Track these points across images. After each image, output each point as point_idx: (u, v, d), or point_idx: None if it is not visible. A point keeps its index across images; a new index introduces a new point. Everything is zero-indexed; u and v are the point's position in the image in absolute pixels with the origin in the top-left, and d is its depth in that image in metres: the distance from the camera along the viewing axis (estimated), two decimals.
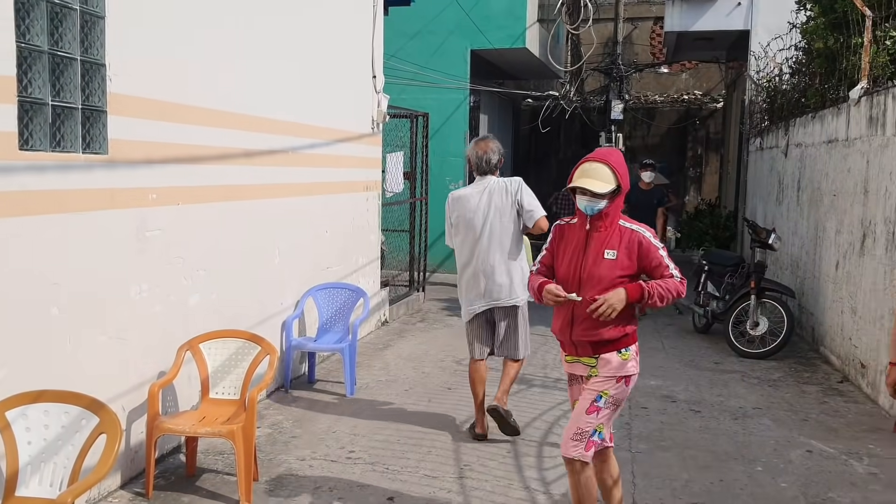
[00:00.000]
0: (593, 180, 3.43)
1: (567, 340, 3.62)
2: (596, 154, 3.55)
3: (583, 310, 3.49)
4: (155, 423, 4.20)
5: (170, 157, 4.61)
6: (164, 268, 4.65)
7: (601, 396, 3.51)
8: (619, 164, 3.51)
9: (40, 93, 3.63)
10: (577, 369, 3.67)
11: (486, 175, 5.12)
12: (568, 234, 3.66)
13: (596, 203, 3.46)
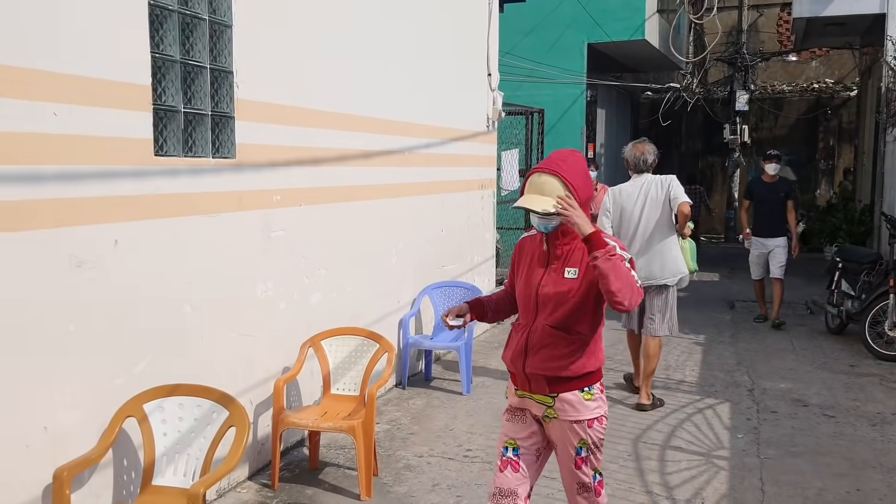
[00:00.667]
0: (541, 198, 2.90)
1: (519, 372, 3.04)
2: (548, 163, 2.98)
3: (539, 336, 2.97)
4: (280, 417, 4.34)
5: (292, 160, 4.75)
6: (288, 267, 4.80)
7: (581, 448, 3.02)
8: (572, 173, 2.93)
9: (173, 101, 3.81)
10: (529, 405, 3.08)
11: (642, 173, 5.90)
12: (527, 250, 3.14)
13: (549, 222, 2.95)
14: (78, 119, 3.21)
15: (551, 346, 2.96)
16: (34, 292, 3.09)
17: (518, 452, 3.08)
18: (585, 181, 2.99)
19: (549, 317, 2.97)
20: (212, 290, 4.10)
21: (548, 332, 2.96)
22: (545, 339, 2.97)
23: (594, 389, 3.01)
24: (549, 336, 2.96)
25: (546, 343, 2.96)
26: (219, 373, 4.11)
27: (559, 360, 2.95)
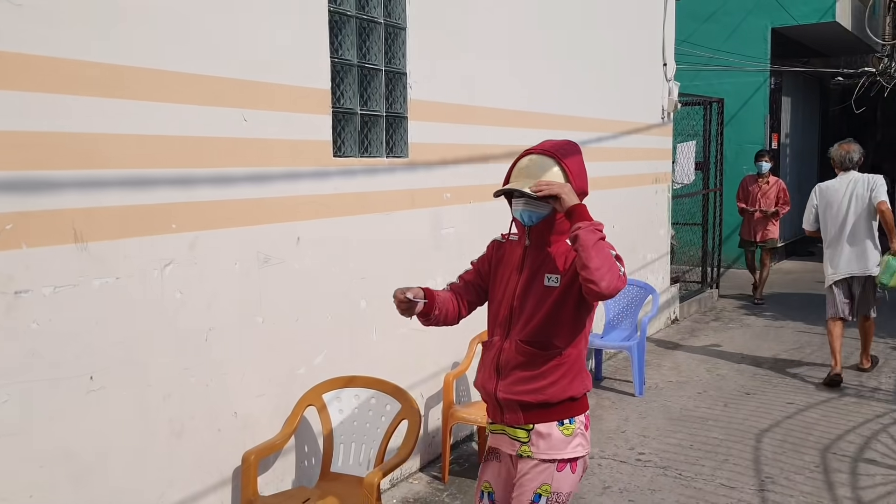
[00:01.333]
0: (530, 179, 2.48)
1: (491, 399, 2.59)
2: (540, 145, 2.58)
3: (512, 354, 2.52)
4: (450, 412, 4.40)
5: (462, 158, 4.80)
6: (457, 263, 4.85)
7: (539, 496, 2.50)
8: (572, 159, 2.53)
9: (351, 103, 3.96)
10: (501, 443, 2.63)
11: (848, 171, 6.24)
12: (507, 253, 2.67)
13: (536, 209, 2.50)
14: (265, 123, 3.40)
15: (525, 366, 2.49)
16: (227, 285, 3.31)
17: (493, 497, 2.66)
18: (582, 171, 2.56)
19: (523, 330, 2.50)
20: (385, 286, 4.22)
21: (521, 349, 2.50)
22: (518, 357, 2.50)
23: (575, 423, 2.52)
24: (523, 353, 2.50)
25: (519, 362, 2.50)
26: (391, 366, 4.23)
27: (534, 382, 2.48)
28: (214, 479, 3.31)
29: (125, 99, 2.82)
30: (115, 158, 2.80)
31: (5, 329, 2.49)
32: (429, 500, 4.21)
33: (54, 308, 2.63)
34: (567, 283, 2.46)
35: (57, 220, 2.62)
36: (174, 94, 2.99)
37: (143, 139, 2.89)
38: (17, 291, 2.51)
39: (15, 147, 2.48)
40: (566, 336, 2.50)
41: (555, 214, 2.50)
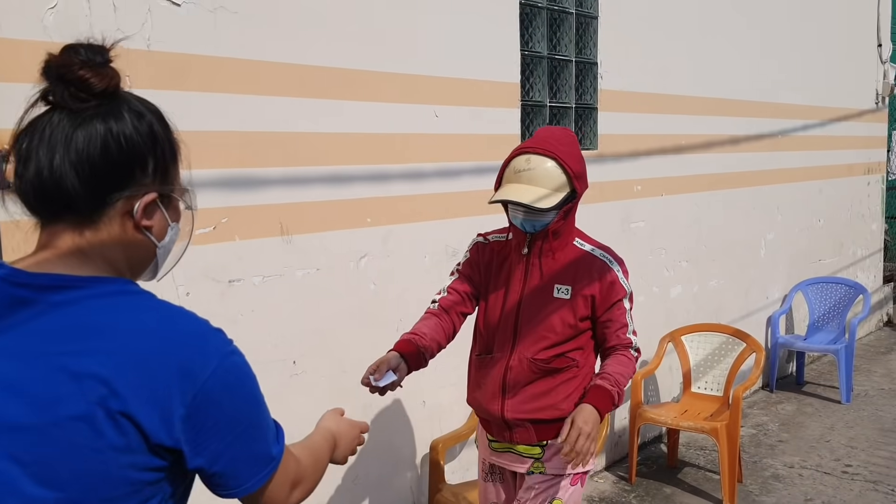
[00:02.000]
0: (530, 187, 2.19)
1: (496, 419, 2.36)
2: (537, 141, 2.26)
3: (522, 372, 2.30)
4: (638, 412, 4.28)
5: (654, 149, 4.64)
6: (647, 258, 4.71)
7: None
8: (571, 156, 2.23)
9: (540, 95, 3.93)
10: (508, 461, 2.43)
11: None
12: (496, 257, 2.40)
13: (538, 218, 2.24)
14: (455, 118, 3.45)
15: (537, 384, 2.30)
16: (417, 278, 3.39)
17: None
18: (583, 168, 2.29)
19: (533, 347, 2.29)
20: None
21: (535, 367, 2.29)
22: (530, 375, 2.29)
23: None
24: (535, 371, 2.29)
25: (531, 379, 2.30)
26: None
27: (548, 398, 2.29)
28: (404, 465, 3.41)
29: (324, 99, 2.94)
30: (316, 156, 2.94)
31: (220, 315, 2.68)
32: (615, 501, 4.12)
33: (262, 296, 2.80)
34: (579, 294, 2.27)
35: (265, 215, 2.79)
36: (370, 92, 3.09)
37: (341, 137, 3.01)
38: (230, 280, 2.69)
39: (229, 146, 2.66)
40: (581, 348, 2.33)
41: (559, 220, 2.25)
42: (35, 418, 0.95)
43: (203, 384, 1.01)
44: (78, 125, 1.01)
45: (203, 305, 2.60)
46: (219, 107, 2.62)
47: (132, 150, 1.04)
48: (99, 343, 0.98)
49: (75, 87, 1.01)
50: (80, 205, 1.02)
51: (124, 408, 0.96)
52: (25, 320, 0.99)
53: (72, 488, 0.96)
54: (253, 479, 1.09)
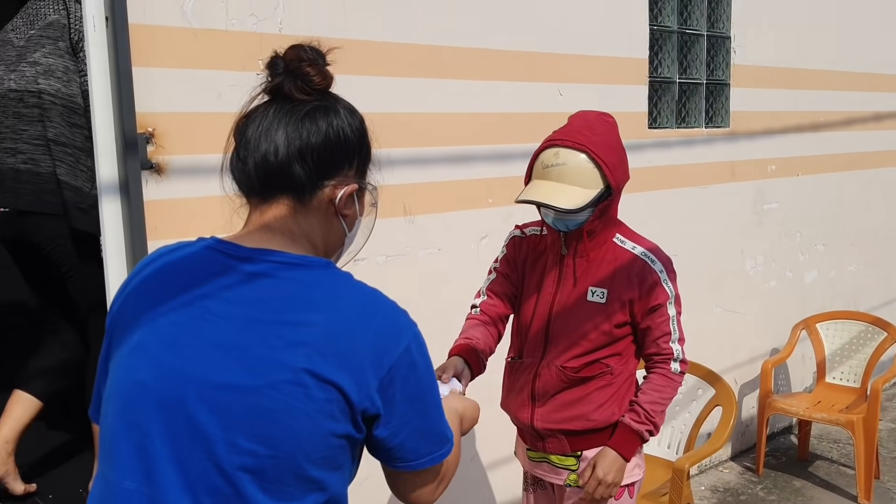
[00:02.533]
0: (559, 185, 1.99)
1: (527, 428, 2.22)
2: (567, 131, 2.05)
3: (551, 381, 2.13)
4: (767, 402, 4.10)
5: (790, 126, 4.40)
6: (781, 242, 4.49)
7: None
8: (606, 146, 2.01)
9: (668, 72, 3.79)
10: (544, 472, 2.27)
11: None
12: (531, 253, 2.22)
13: (570, 218, 2.04)
14: (580, 96, 3.37)
15: (567, 392, 2.13)
16: None
17: None
18: (622, 158, 2.07)
19: (564, 354, 2.11)
20: (697, 264, 4.02)
21: (566, 377, 2.12)
22: (559, 384, 2.13)
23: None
24: (565, 380, 2.12)
25: (560, 388, 2.13)
26: (703, 348, 4.01)
27: (578, 408, 2.12)
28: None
29: (448, 79, 2.94)
30: (439, 136, 2.94)
31: None
32: (740, 492, 3.98)
33: (385, 275, 2.84)
34: (616, 299, 2.08)
35: (390, 195, 2.81)
36: (494, 71, 3.07)
37: (464, 117, 3.01)
38: (356, 259, 2.74)
39: None
40: (616, 353, 2.13)
41: (595, 218, 2.05)
42: (251, 380, 1.04)
43: (396, 360, 1.10)
44: (304, 116, 1.13)
45: None
46: (347, 88, 2.65)
47: (346, 144, 1.16)
48: (310, 315, 1.07)
49: (302, 81, 1.13)
50: (300, 187, 1.13)
51: (331, 376, 1.05)
52: (245, 290, 1.09)
53: (280, 447, 1.04)
54: (430, 455, 1.17)
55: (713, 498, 3.92)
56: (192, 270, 1.12)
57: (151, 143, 2.22)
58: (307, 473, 1.07)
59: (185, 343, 1.07)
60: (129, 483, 1.07)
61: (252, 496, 1.04)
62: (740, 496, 3.94)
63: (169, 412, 1.05)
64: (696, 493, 3.91)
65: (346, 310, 1.09)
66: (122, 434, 1.09)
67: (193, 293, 1.09)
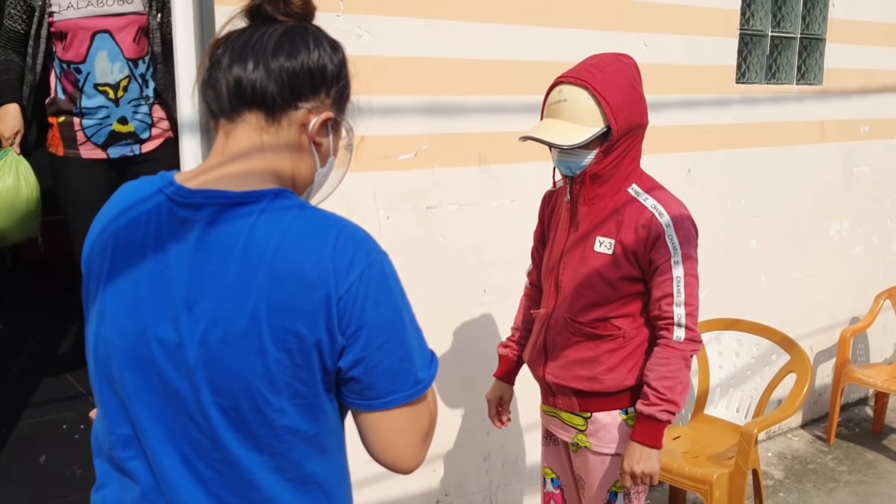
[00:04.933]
0: (557, 122, 1.93)
1: (541, 381, 2.19)
2: (575, 69, 1.96)
3: (560, 334, 2.08)
4: (844, 371, 3.98)
5: (887, 86, 4.18)
6: (869, 207, 4.31)
7: (615, 495, 2.12)
8: (610, 86, 1.90)
9: (761, 24, 3.63)
10: (555, 427, 2.22)
11: None
12: (556, 205, 2.20)
13: (575, 159, 1.95)
14: (666, 48, 3.26)
15: (576, 348, 2.07)
16: None
17: (558, 484, 2.31)
18: (631, 99, 1.95)
19: (572, 305, 2.05)
20: (778, 226, 3.89)
21: (571, 328, 2.06)
22: (568, 339, 2.08)
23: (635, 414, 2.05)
24: (574, 334, 2.06)
25: (569, 343, 2.08)
26: (778, 313, 3.91)
27: (587, 368, 2.06)
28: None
29: (528, 25, 2.87)
30: (516, 85, 2.89)
31: (417, 239, 2.75)
32: (809, 461, 3.89)
33: (457, 224, 2.83)
34: (624, 251, 1.98)
35: (465, 143, 2.79)
36: (576, 19, 2.98)
37: (543, 65, 2.93)
38: (428, 206, 2.74)
39: (432, 73, 2.67)
40: (628, 314, 2.03)
41: (598, 161, 1.96)
42: (206, 337, 1.03)
43: (349, 288, 1.04)
44: (282, 35, 1.10)
45: (401, 229, 2.68)
46: (422, 32, 2.63)
47: (324, 70, 1.12)
48: (255, 258, 1.03)
49: (283, 4, 1.10)
50: (270, 102, 1.09)
51: (285, 323, 1.02)
52: (189, 240, 1.06)
53: (242, 400, 1.03)
54: (392, 395, 1.08)
55: (780, 465, 3.85)
56: (145, 220, 1.09)
57: None
58: (279, 423, 1.05)
59: (145, 301, 1.07)
60: (124, 429, 1.11)
61: (229, 448, 1.05)
62: (808, 465, 3.85)
63: (140, 369, 1.07)
64: (763, 459, 3.85)
65: (290, 245, 1.04)
66: (105, 387, 1.12)
67: (147, 246, 1.08)
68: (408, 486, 2.85)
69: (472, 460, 3.03)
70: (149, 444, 1.08)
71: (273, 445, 1.06)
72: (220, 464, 1.06)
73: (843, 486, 3.65)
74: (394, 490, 2.81)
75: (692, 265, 1.99)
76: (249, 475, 1.06)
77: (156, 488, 1.09)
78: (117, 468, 1.13)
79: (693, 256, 2.00)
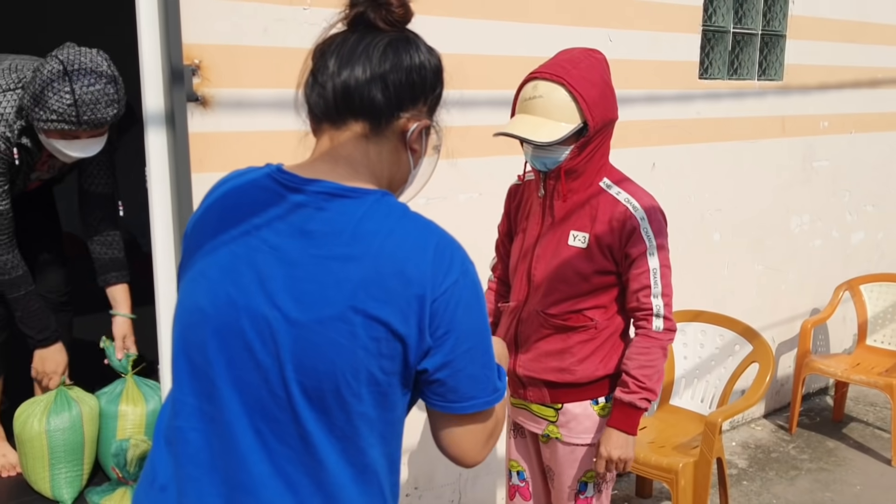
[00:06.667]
0: (534, 118, 1.94)
1: (510, 372, 2.15)
2: (549, 64, 1.98)
3: (532, 326, 2.10)
4: (805, 361, 4.07)
5: (846, 82, 4.27)
6: (829, 200, 4.40)
7: (585, 485, 2.16)
8: (586, 81, 1.93)
9: (723, 21, 3.68)
10: (525, 419, 2.24)
11: None
12: (524, 198, 2.19)
13: (549, 154, 1.97)
14: (630, 44, 3.30)
15: (548, 340, 2.09)
16: None
17: (524, 476, 2.33)
18: (605, 95, 1.98)
19: (545, 299, 2.07)
20: (741, 219, 3.95)
21: (545, 321, 2.08)
22: (540, 331, 2.09)
23: (612, 399, 2.09)
24: (547, 326, 2.08)
25: (541, 335, 2.09)
26: (741, 305, 3.98)
27: (560, 359, 2.08)
28: None
29: (493, 20, 2.88)
30: (483, 79, 2.90)
31: None
32: (772, 450, 3.97)
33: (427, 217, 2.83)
34: (597, 243, 2.01)
35: None
36: (542, 15, 3.00)
37: (509, 60, 2.95)
38: None
39: None
40: (600, 305, 2.06)
41: (573, 156, 1.97)
42: (299, 315, 1.06)
43: (444, 292, 1.08)
44: (387, 45, 1.13)
45: None
46: None
47: (424, 79, 1.16)
48: (357, 249, 1.07)
49: (385, 11, 1.13)
50: (377, 112, 1.12)
51: (378, 313, 1.05)
52: (295, 221, 1.10)
53: (325, 381, 1.06)
54: (473, 399, 1.13)
55: (744, 454, 3.92)
56: (252, 199, 1.13)
57: (197, 75, 2.22)
58: (354, 408, 1.08)
59: (241, 273, 1.09)
60: (192, 399, 1.12)
61: (306, 425, 1.07)
62: (771, 453, 3.93)
63: (226, 339, 1.09)
64: (728, 449, 3.92)
65: (395, 243, 1.08)
66: (182, 356, 1.14)
67: (251, 223, 1.11)
68: None
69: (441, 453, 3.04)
70: (224, 413, 1.09)
71: (345, 429, 1.09)
72: (295, 440, 1.08)
73: (804, 474, 3.73)
74: None
75: (665, 255, 2.03)
76: (320, 455, 1.08)
77: (209, 465, 1.10)
78: (169, 442, 1.14)
79: (666, 246, 2.04)
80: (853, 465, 3.82)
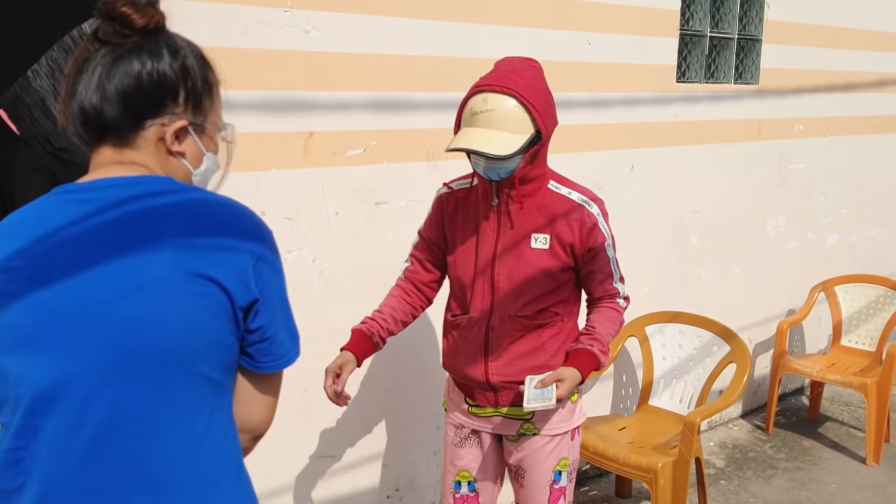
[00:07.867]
0: (489, 132, 1.94)
1: (479, 384, 2.18)
2: (495, 76, 2.00)
3: (505, 331, 2.12)
4: (781, 361, 4.12)
5: (820, 86, 4.33)
6: (804, 203, 4.46)
7: (559, 474, 2.22)
8: (534, 91, 1.97)
9: (700, 25, 3.73)
10: (493, 425, 2.24)
11: None
12: (461, 207, 2.18)
13: (501, 165, 1.99)
14: (609, 47, 3.33)
15: (521, 342, 2.13)
16: None
17: (475, 487, 2.31)
18: (549, 103, 2.02)
19: (515, 303, 2.10)
20: (719, 221, 4.00)
21: (519, 325, 2.12)
22: (514, 334, 2.13)
23: (580, 387, 2.12)
24: (519, 329, 2.13)
25: (515, 338, 2.13)
26: (719, 306, 4.02)
27: (535, 358, 2.13)
28: None
29: (475, 23, 2.90)
30: (464, 81, 2.89)
31: (366, 234, 2.76)
32: (749, 449, 4.02)
33: (406, 219, 2.84)
34: (558, 242, 2.08)
35: (413, 139, 2.81)
36: (522, 18, 3.02)
37: (490, 63, 2.96)
38: (377, 202, 2.75)
39: (381, 69, 2.68)
40: (563, 300, 2.15)
41: (526, 164, 2.01)
42: (128, 284, 1.06)
43: (263, 249, 1.14)
44: (116, 59, 1.11)
45: (351, 225, 2.68)
46: (370, 29, 2.63)
47: (163, 83, 1.14)
48: (169, 218, 1.10)
49: (119, 24, 1.11)
50: (116, 129, 1.13)
51: (201, 269, 1.08)
52: (93, 216, 1.09)
53: (165, 348, 1.07)
54: (292, 351, 1.20)
55: (722, 454, 3.96)
56: (39, 217, 1.11)
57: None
58: (199, 372, 1.10)
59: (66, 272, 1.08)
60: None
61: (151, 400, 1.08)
62: (749, 453, 3.97)
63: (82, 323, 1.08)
64: (706, 449, 3.96)
65: (208, 206, 1.13)
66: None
67: (38, 236, 1.09)
68: (359, 480, 2.85)
69: (423, 455, 3.05)
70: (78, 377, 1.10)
71: (192, 399, 1.13)
72: None
73: (781, 473, 3.77)
74: (345, 485, 2.81)
75: (614, 240, 2.17)
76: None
77: None
78: None
79: (614, 236, 2.18)
80: (829, 463, 3.88)
